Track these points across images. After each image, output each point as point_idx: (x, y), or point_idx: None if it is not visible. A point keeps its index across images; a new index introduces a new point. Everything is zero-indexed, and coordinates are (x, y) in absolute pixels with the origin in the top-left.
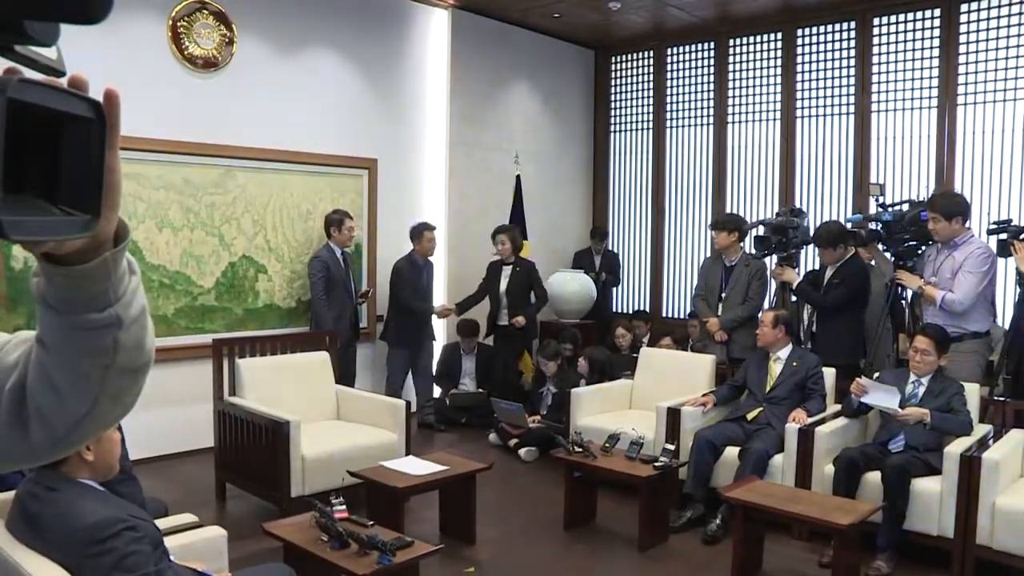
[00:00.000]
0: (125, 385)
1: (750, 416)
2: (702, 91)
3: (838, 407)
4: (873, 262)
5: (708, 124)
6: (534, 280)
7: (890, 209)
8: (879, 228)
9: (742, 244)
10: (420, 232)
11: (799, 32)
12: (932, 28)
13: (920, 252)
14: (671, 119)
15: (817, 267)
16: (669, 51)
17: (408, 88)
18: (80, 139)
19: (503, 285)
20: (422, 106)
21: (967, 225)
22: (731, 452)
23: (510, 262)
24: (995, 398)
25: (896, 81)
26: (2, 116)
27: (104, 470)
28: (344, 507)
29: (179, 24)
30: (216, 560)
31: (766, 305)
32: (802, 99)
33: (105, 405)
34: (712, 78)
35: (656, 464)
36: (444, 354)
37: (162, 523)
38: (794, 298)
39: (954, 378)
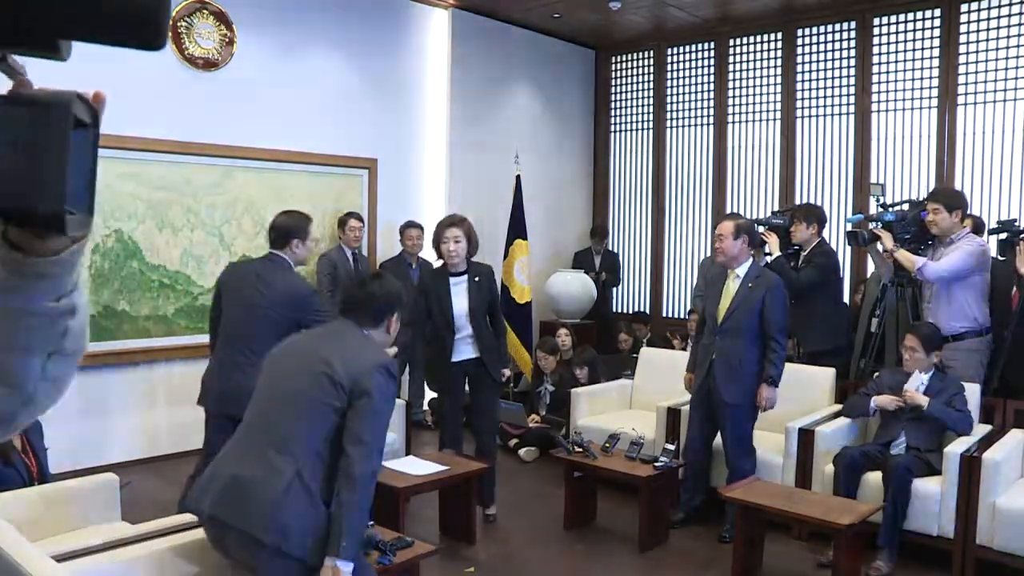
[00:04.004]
0: (64, 371)
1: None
2: (702, 91)
3: (839, 407)
4: (873, 265)
5: (708, 124)
6: (495, 298)
7: (891, 209)
8: (879, 227)
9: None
10: (402, 230)
11: (799, 32)
12: (932, 28)
13: (920, 251)
14: (671, 119)
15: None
16: (669, 51)
17: (408, 88)
18: (81, 142)
19: (460, 303)
20: (422, 106)
21: (965, 224)
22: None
23: (462, 270)
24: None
25: (896, 81)
26: (69, 131)
27: None
28: None
29: (179, 24)
30: (216, 559)
31: None
32: (802, 99)
33: (45, 391)
34: (712, 78)
35: (656, 464)
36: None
37: (162, 523)
38: None
39: (955, 378)
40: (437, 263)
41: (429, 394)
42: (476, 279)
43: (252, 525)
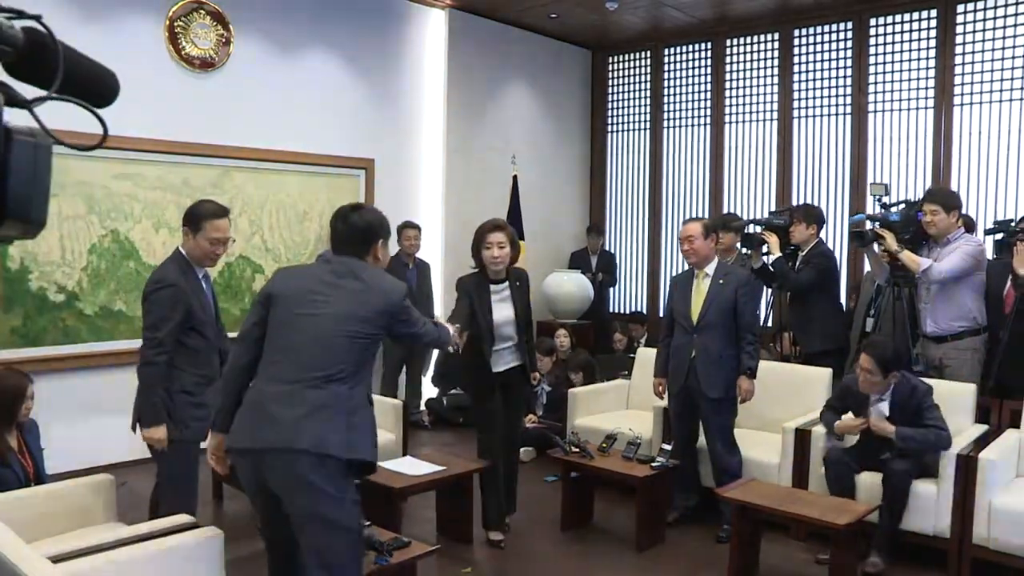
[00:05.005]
0: None
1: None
2: (699, 91)
3: None
4: (868, 265)
5: (705, 124)
6: (529, 302)
7: (893, 209)
8: (877, 227)
9: (737, 244)
10: (399, 230)
11: (796, 32)
12: (929, 29)
13: (917, 252)
14: (668, 119)
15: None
16: (666, 51)
17: (405, 88)
18: None
19: (503, 313)
20: (419, 106)
21: (959, 223)
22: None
23: (502, 278)
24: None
25: (893, 81)
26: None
27: None
28: None
29: (176, 24)
30: (214, 561)
31: (762, 311)
32: (799, 99)
33: None
34: (709, 78)
35: (653, 464)
36: (442, 355)
37: (160, 524)
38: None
39: (920, 385)
40: (439, 267)
41: (426, 394)
42: (517, 283)
43: (292, 440)
